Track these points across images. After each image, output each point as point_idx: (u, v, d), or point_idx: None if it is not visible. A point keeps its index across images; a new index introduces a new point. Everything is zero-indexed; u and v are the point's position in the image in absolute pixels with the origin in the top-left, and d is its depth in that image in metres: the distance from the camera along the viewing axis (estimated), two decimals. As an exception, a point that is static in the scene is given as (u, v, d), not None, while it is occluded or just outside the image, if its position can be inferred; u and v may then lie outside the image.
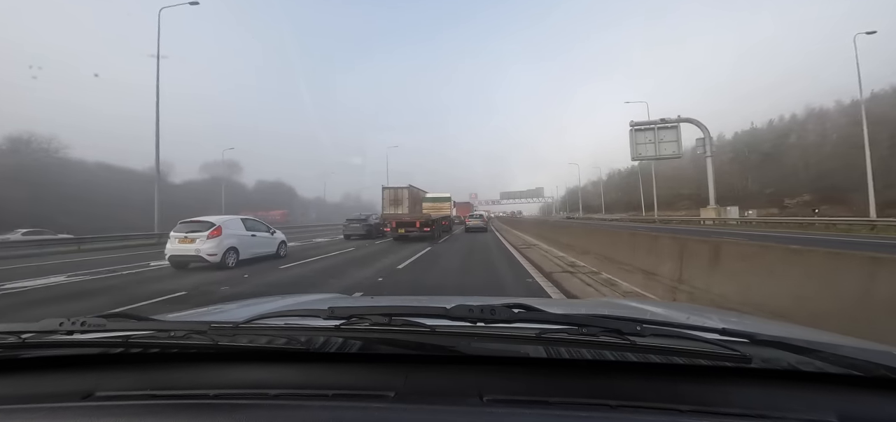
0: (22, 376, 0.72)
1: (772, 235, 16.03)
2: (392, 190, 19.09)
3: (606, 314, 0.74)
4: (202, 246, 8.07)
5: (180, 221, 8.79)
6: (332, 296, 1.76)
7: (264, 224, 10.11)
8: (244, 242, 8.90)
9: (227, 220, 8.94)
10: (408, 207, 18.23)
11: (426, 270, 8.12)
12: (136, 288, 6.58)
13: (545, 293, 5.50)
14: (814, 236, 15.57)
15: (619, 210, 65.48)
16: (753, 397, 0.60)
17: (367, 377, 0.68)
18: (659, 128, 31.13)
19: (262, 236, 9.65)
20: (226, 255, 8.30)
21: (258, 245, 9.43)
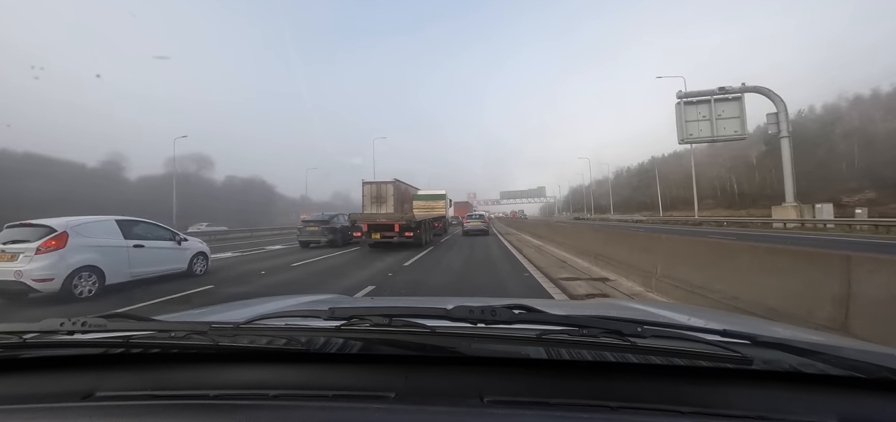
0: (23, 376, 0.74)
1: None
2: (374, 185, 16.45)
3: (607, 315, 0.76)
4: (28, 266, 4.98)
5: (6, 225, 5.63)
6: (333, 296, 1.78)
7: (169, 230, 7.01)
8: (116, 258, 5.82)
9: (82, 223, 5.81)
10: (393, 206, 15.70)
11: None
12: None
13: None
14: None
15: (629, 210, 62.88)
16: (754, 398, 0.61)
17: (367, 378, 0.70)
18: (717, 99, 23.12)
19: (158, 247, 6.62)
20: (72, 279, 5.36)
21: (149, 261, 6.39)
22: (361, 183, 18.35)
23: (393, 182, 17.66)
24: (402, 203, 17.10)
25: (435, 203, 20.55)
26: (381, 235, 12.90)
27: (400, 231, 12.77)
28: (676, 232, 12.16)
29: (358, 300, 2.80)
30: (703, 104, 23.36)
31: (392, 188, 17.02)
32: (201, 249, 7.75)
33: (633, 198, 64.57)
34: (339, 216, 16.35)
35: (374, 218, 13.77)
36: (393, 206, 15.84)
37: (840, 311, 2.59)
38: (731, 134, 23.43)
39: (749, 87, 23.20)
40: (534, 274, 7.32)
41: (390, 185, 17.82)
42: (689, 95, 23.41)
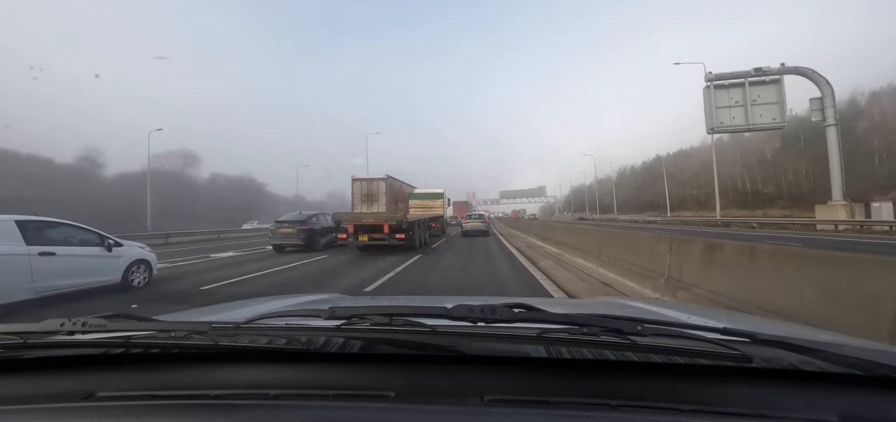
0: (24, 377, 0.75)
1: None
2: (364, 182, 15.22)
3: (607, 314, 0.77)
4: None
5: None
6: (333, 296, 1.82)
7: (96, 233, 5.64)
8: (9, 270, 4.41)
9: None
10: (386, 204, 14.48)
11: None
12: None
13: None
14: None
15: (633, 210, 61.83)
16: (754, 396, 0.63)
17: (367, 377, 0.71)
18: (752, 82, 20.37)
19: (78, 255, 5.25)
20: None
21: (63, 273, 5.02)
22: (351, 180, 16.91)
23: (385, 179, 16.21)
24: (395, 202, 15.82)
25: (432, 202, 19.67)
26: (369, 238, 11.71)
27: (390, 233, 11.54)
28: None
29: (358, 300, 2.84)
30: (735, 88, 20.29)
31: (384, 186, 15.63)
32: (141, 256, 6.37)
33: (638, 197, 63.73)
34: (320, 216, 14.83)
35: (361, 218, 12.50)
36: (385, 205, 14.62)
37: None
38: (768, 122, 20.59)
39: (789, 68, 20.20)
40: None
41: (382, 182, 16.42)
42: (720, 78, 20.16)
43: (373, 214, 12.62)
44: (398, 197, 16.54)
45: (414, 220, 13.09)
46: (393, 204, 15.52)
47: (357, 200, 16.70)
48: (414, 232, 12.40)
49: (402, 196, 17.33)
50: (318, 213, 15.06)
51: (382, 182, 16.70)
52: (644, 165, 73.62)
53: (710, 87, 20.25)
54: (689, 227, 26.45)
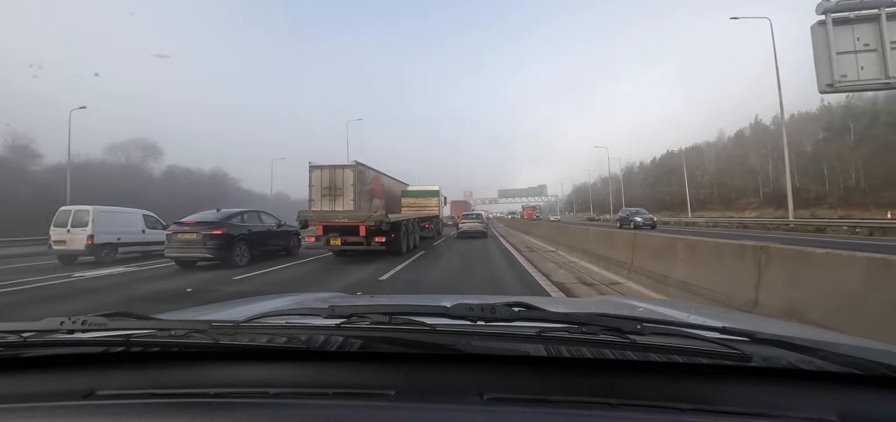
0: (23, 375, 0.78)
1: None
2: (325, 171, 12.77)
3: (607, 313, 0.80)
4: None
5: None
6: (333, 295, 1.87)
7: None
8: None
9: None
10: (356, 199, 12.25)
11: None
12: None
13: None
14: None
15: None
16: (753, 395, 0.65)
17: (367, 376, 0.74)
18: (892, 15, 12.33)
19: None
20: None
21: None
22: (308, 168, 13.54)
23: (353, 166, 12.93)
24: (369, 196, 13.66)
25: (427, 201, 18.48)
26: (343, 241, 10.14)
27: (367, 235, 9.91)
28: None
29: (358, 298, 2.81)
30: (865, 24, 12.76)
31: (352, 175, 13.07)
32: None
33: (650, 195, 61.10)
34: (250, 215, 11.13)
35: (330, 217, 10.41)
36: (353, 199, 12.31)
37: None
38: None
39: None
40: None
41: (349, 170, 13.08)
42: (842, 8, 12.90)
43: (346, 213, 10.54)
44: (375, 191, 14.38)
45: (398, 220, 11.16)
46: (366, 199, 13.26)
47: (316, 193, 13.36)
48: (398, 235, 10.64)
49: (380, 190, 15.12)
50: (247, 210, 11.29)
51: (349, 170, 13.31)
52: (654, 162, 71.01)
53: (827, 23, 12.94)
54: (750, 231, 21.94)
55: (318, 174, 14.05)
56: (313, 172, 14.06)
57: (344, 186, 13.84)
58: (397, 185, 18.83)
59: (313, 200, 13.96)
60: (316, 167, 14.03)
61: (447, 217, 26.64)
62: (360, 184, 13.93)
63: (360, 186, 13.93)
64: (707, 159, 56.79)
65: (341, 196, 13.99)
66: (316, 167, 14.03)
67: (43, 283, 7.55)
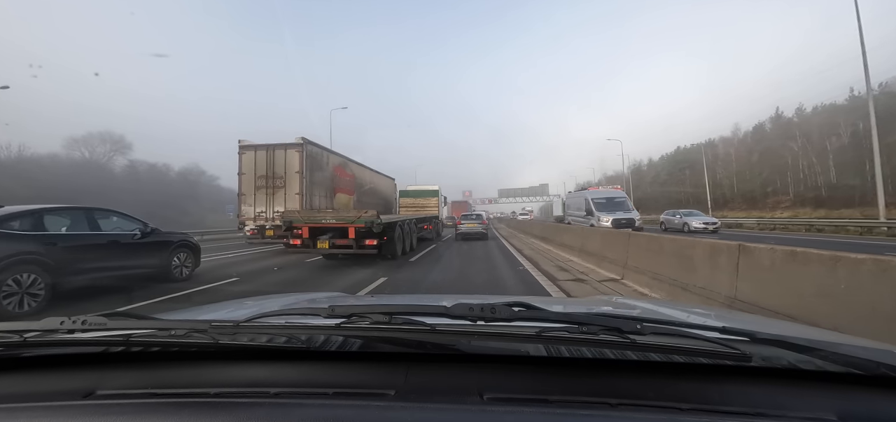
0: (23, 375, 0.80)
1: None
2: (260, 153, 10.40)
3: (606, 312, 0.84)
4: None
5: None
6: (333, 295, 1.86)
7: None
8: None
9: None
10: (304, 195, 10.12)
11: None
12: None
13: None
14: None
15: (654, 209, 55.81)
16: (753, 395, 0.66)
17: (367, 376, 0.75)
18: None
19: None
20: None
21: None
22: (238, 147, 9.93)
23: (299, 146, 9.44)
24: (329, 190, 11.68)
25: (426, 201, 18.27)
26: (331, 244, 9.16)
27: (357, 238, 9.05)
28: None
29: (358, 298, 2.88)
30: None
31: (297, 159, 10.65)
32: None
33: (662, 194, 58.04)
34: (45, 215, 5.59)
35: (316, 218, 9.35)
36: (300, 194, 10.11)
37: None
38: None
39: None
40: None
41: (294, 151, 9.69)
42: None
43: (336, 214, 9.76)
44: (341, 184, 12.33)
45: (392, 221, 10.23)
46: (322, 193, 11.09)
47: (248, 184, 9.88)
48: (392, 237, 9.87)
49: (350, 183, 13.15)
50: (57, 207, 5.95)
51: (294, 152, 9.83)
52: (665, 158, 67.94)
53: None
54: (842, 236, 18.12)
55: (249, 158, 10.54)
56: (243, 154, 10.59)
57: (287, 175, 10.26)
58: (383, 180, 17.04)
59: (244, 194, 10.42)
60: (247, 147, 10.58)
61: (447, 218, 26.17)
62: (311, 171, 10.40)
63: (311, 174, 10.39)
64: (725, 155, 53.61)
65: (282, 189, 10.42)
66: (247, 147, 10.58)
67: None
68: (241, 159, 10.21)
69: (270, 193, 10.14)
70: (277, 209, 10.01)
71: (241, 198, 10.26)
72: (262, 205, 10.07)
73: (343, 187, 12.96)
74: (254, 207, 10.06)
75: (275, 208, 10.05)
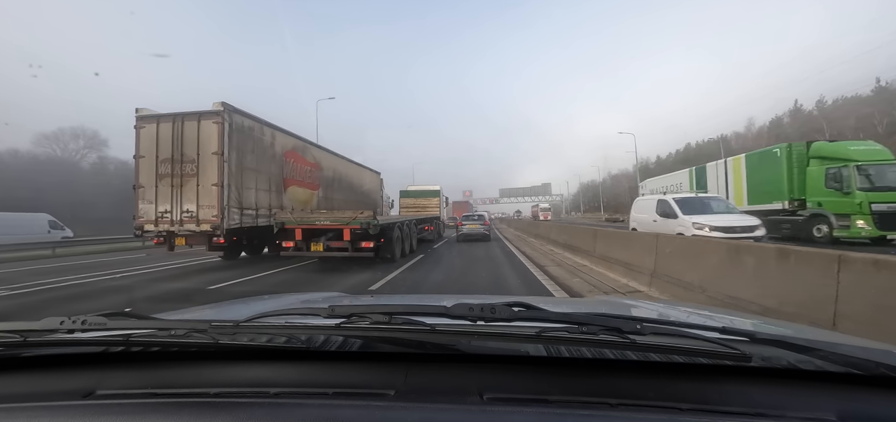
0: (23, 375, 0.81)
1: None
2: (165, 125, 7.40)
3: (606, 313, 0.83)
4: None
5: None
6: (333, 295, 1.86)
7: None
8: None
9: None
10: (224, 188, 7.33)
11: None
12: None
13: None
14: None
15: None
16: (753, 395, 0.67)
17: (367, 376, 0.75)
18: None
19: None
20: None
21: None
22: (135, 118, 6.16)
23: (217, 115, 7.63)
24: (277, 181, 9.61)
25: (427, 201, 18.06)
26: (325, 247, 8.62)
27: (353, 240, 8.52)
28: None
29: (358, 298, 2.81)
30: None
31: (215, 133, 7.49)
32: None
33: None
34: None
35: (309, 220, 8.60)
36: (220, 184, 7.32)
37: None
38: None
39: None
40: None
41: (211, 123, 5.90)
42: None
43: (331, 215, 8.92)
44: (299, 173, 10.52)
45: (390, 223, 9.79)
46: (265, 185, 9.05)
47: (147, 170, 6.14)
48: (389, 239, 9.33)
49: (314, 175, 11.17)
50: None
51: (211, 124, 6.40)
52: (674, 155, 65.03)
53: None
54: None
55: (150, 134, 7.46)
56: (142, 129, 7.43)
57: (200, 158, 7.08)
58: (363, 173, 15.52)
59: (142, 186, 7.30)
60: (147, 119, 7.43)
61: (449, 218, 25.88)
62: (240, 153, 7.28)
63: (240, 157, 7.29)
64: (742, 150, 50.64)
65: (194, 177, 7.26)
66: (147, 119, 7.43)
67: None
68: (138, 136, 7.32)
69: (177, 185, 7.19)
70: (187, 208, 7.13)
71: (139, 191, 7.32)
72: (166, 202, 7.25)
73: (301, 179, 10.05)
74: (155, 204, 7.28)
75: (184, 207, 7.18)
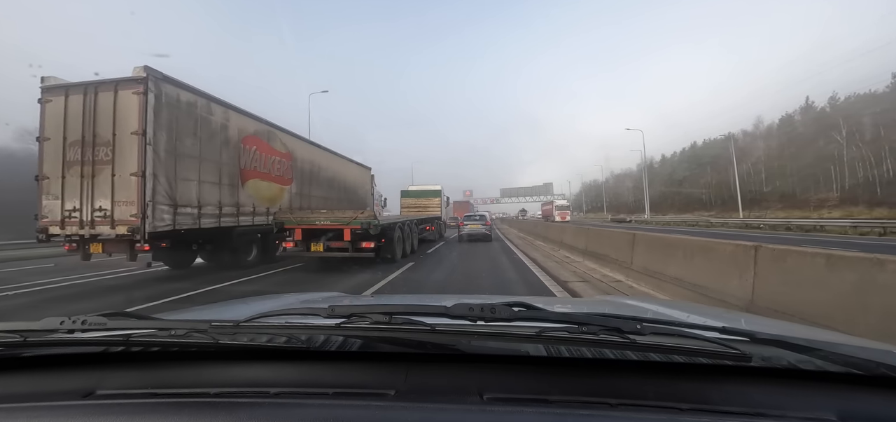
0: (23, 375, 0.80)
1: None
2: (74, 97, 5.83)
3: (606, 313, 0.81)
4: None
5: None
6: (334, 295, 1.81)
7: None
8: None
9: None
10: (144, 181, 5.73)
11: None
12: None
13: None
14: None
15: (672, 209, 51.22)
16: (753, 395, 0.66)
17: (367, 376, 0.75)
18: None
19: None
20: None
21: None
22: (40, 90, 3.90)
23: (139, 84, 5.72)
24: (232, 171, 7.83)
25: (428, 202, 17.69)
26: (326, 247, 8.43)
27: (353, 240, 8.38)
28: None
29: (357, 298, 2.79)
30: None
31: (136, 106, 5.64)
32: None
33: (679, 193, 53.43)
34: None
35: (310, 219, 8.41)
36: (144, 173, 5.65)
37: None
38: None
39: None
40: None
41: (130, 93, 3.53)
42: None
43: (331, 215, 8.62)
44: (264, 164, 8.96)
45: (391, 223, 9.61)
46: (215, 176, 7.19)
47: (53, 156, 3.79)
48: (390, 239, 9.17)
49: (281, 165, 9.61)
50: None
51: (130, 94, 4.00)
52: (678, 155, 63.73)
53: None
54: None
55: (57, 110, 5.54)
56: (48, 103, 5.56)
57: (117, 139, 5.10)
58: (349, 167, 14.18)
59: (47, 177, 5.33)
60: (54, 89, 5.55)
61: (450, 218, 25.60)
62: (174, 135, 5.46)
63: (174, 139, 5.48)
64: (750, 149, 49.14)
65: (109, 164, 5.28)
66: (54, 89, 5.55)
67: None
68: (43, 112, 5.73)
69: (88, 175, 5.60)
70: (100, 205, 5.52)
71: (43, 184, 5.74)
72: (74, 197, 5.69)
73: (266, 171, 8.54)
74: (62, 200, 5.63)
75: (96, 204, 5.53)
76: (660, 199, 57.39)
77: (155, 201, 6.00)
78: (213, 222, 7.49)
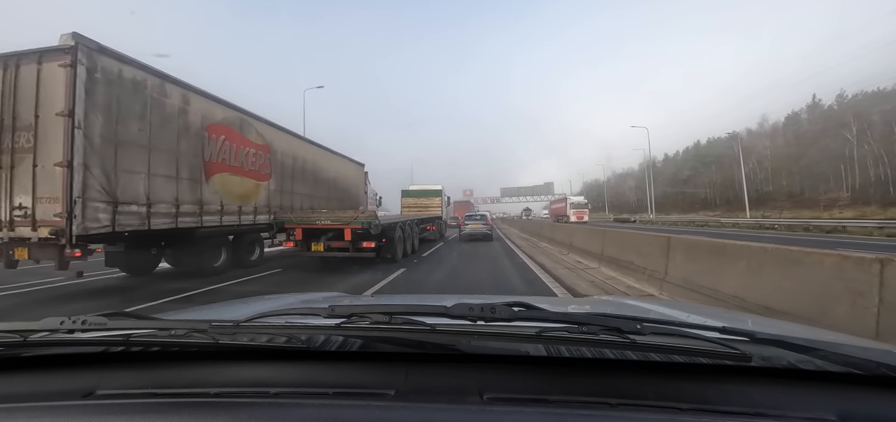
0: (23, 375, 0.81)
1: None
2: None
3: (606, 313, 0.83)
4: None
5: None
6: (334, 295, 1.84)
7: None
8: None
9: None
10: (73, 168, 4.83)
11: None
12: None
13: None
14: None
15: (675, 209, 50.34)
16: (753, 395, 0.68)
17: (367, 376, 0.77)
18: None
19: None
20: None
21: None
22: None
23: (67, 54, 4.87)
24: (193, 164, 6.91)
25: (429, 201, 17.73)
26: (326, 246, 8.63)
27: (354, 240, 8.60)
28: None
29: (358, 298, 2.88)
30: None
31: (62, 81, 4.85)
32: None
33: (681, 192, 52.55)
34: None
35: (311, 219, 8.70)
36: (65, 164, 4.88)
37: None
38: None
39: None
40: None
41: (56, 66, 2.53)
42: None
43: (331, 215, 8.84)
44: (236, 157, 7.89)
45: (392, 223, 9.77)
46: (171, 169, 6.35)
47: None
48: (391, 239, 9.36)
49: (257, 158, 8.61)
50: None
51: (56, 68, 2.76)
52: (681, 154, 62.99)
53: None
54: None
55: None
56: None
57: (40, 121, 3.90)
58: (340, 163, 13.59)
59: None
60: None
61: (451, 218, 25.89)
62: (114, 119, 4.24)
63: (115, 123, 4.25)
64: (755, 148, 48.27)
65: (31, 153, 3.98)
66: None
67: None
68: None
69: (7, 166, 4.72)
70: (21, 202, 4.62)
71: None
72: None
73: (237, 165, 7.68)
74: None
75: (16, 201, 4.66)
76: (663, 198, 56.65)
77: (86, 197, 5.10)
78: (167, 223, 6.50)
